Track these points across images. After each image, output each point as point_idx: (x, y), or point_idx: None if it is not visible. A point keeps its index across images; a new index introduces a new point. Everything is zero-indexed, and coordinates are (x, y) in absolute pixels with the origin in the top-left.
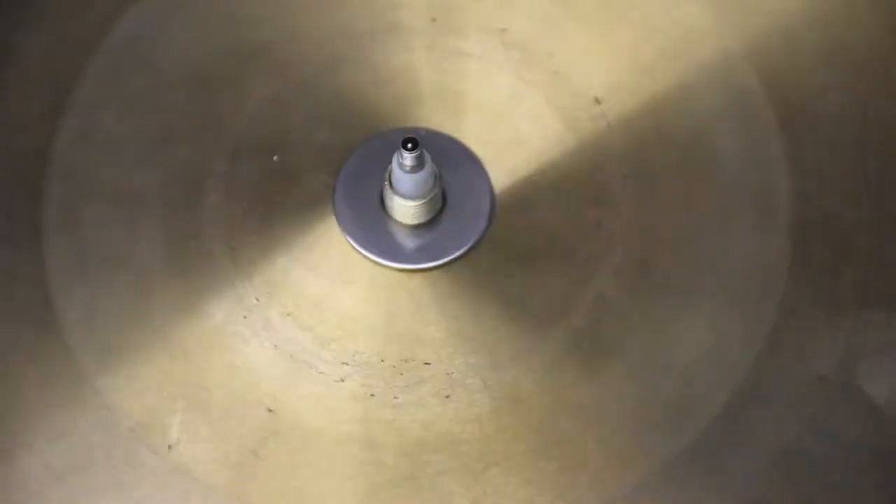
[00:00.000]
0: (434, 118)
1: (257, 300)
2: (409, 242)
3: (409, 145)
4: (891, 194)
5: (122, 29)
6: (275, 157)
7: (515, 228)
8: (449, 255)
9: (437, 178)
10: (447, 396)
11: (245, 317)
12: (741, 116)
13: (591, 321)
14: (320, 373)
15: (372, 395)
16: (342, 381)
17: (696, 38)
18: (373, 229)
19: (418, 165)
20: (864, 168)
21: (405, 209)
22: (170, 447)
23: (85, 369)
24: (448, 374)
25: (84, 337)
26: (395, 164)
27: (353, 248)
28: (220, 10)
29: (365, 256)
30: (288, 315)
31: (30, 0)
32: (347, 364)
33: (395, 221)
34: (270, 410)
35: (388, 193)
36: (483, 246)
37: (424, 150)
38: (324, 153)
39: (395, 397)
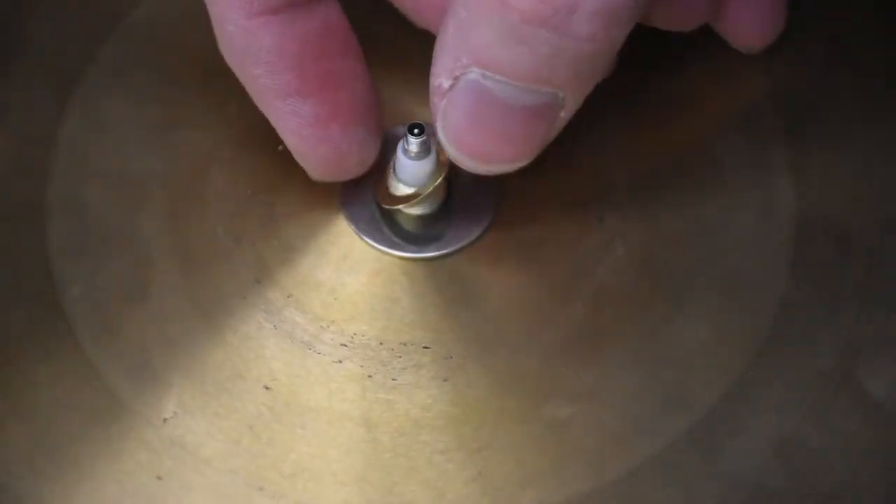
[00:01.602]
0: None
1: (258, 282)
2: (412, 232)
3: (416, 131)
4: (892, 194)
5: (133, 17)
6: (280, 147)
7: (518, 221)
8: (452, 246)
9: (442, 167)
10: (445, 379)
11: (245, 298)
12: (744, 115)
13: (591, 311)
14: (318, 353)
15: (370, 376)
16: (340, 362)
17: (698, 39)
18: (376, 218)
19: (423, 152)
20: (866, 168)
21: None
22: (165, 420)
23: (83, 345)
24: (447, 358)
25: (84, 314)
26: (399, 151)
27: (356, 235)
28: None
29: (368, 244)
30: (288, 297)
31: None
32: (346, 346)
33: (399, 211)
34: (267, 388)
35: (392, 183)
36: (486, 237)
37: (430, 138)
38: None
39: (394, 379)
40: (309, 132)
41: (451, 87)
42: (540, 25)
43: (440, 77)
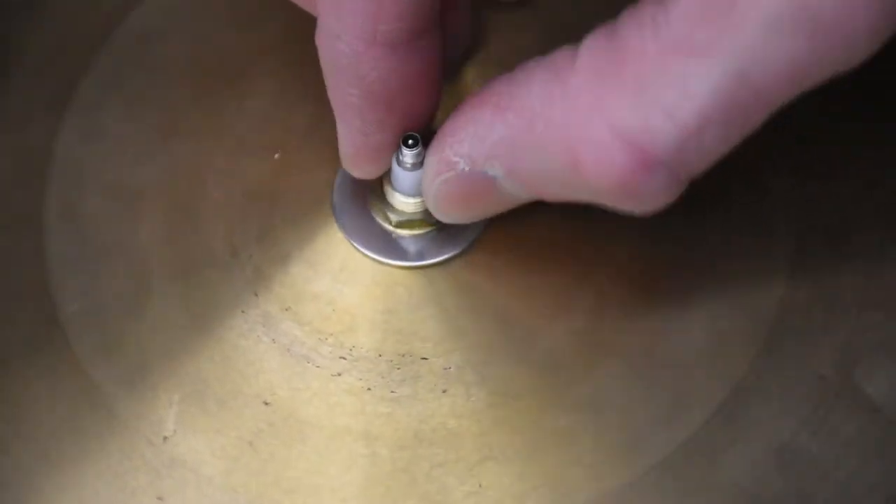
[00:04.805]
0: (436, 120)
1: (256, 295)
2: (408, 241)
3: (410, 142)
4: (891, 194)
5: (127, 26)
6: (276, 155)
7: (515, 227)
8: (448, 253)
9: None
10: (444, 391)
11: (243, 311)
12: None
13: (589, 318)
14: (317, 367)
15: (369, 389)
16: (339, 375)
17: None
18: (372, 227)
19: (419, 163)
20: (865, 170)
21: (405, 206)
22: (165, 438)
23: (83, 361)
24: (445, 369)
25: (82, 329)
26: (394, 163)
27: (352, 245)
28: (224, 9)
29: (364, 254)
30: (286, 310)
31: None
32: (345, 358)
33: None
34: (267, 403)
35: (387, 191)
36: (482, 244)
37: (424, 149)
38: (325, 151)
39: (392, 391)
40: (366, 153)
41: (465, 168)
42: (602, 195)
43: (461, 158)
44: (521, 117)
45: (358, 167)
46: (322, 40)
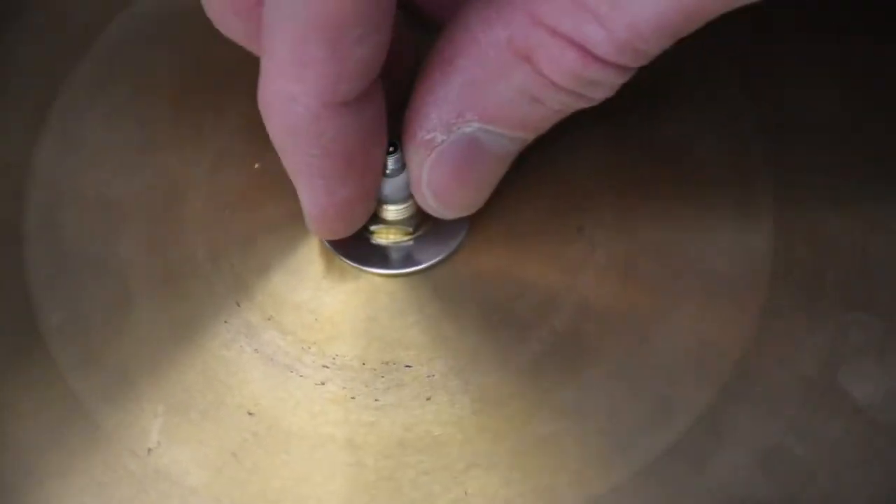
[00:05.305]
0: None
1: (238, 304)
2: (389, 248)
3: (391, 149)
4: (873, 197)
5: (106, 38)
6: (256, 165)
7: (497, 233)
8: (430, 260)
9: None
10: (428, 399)
11: (225, 321)
12: (723, 119)
13: (573, 324)
14: (301, 376)
15: (353, 397)
16: (323, 384)
17: (677, 43)
18: (353, 235)
19: (399, 168)
20: (847, 171)
21: (386, 214)
22: (149, 450)
23: (65, 374)
24: (429, 376)
25: (64, 342)
26: None
27: (334, 253)
28: (205, 19)
29: (345, 262)
30: (268, 319)
31: (13, 9)
32: (328, 367)
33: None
34: (250, 413)
35: None
36: (464, 251)
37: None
38: None
39: (376, 400)
40: (333, 211)
41: (443, 140)
42: (567, 93)
43: (434, 132)
44: (469, 55)
45: (328, 227)
46: (275, 105)
